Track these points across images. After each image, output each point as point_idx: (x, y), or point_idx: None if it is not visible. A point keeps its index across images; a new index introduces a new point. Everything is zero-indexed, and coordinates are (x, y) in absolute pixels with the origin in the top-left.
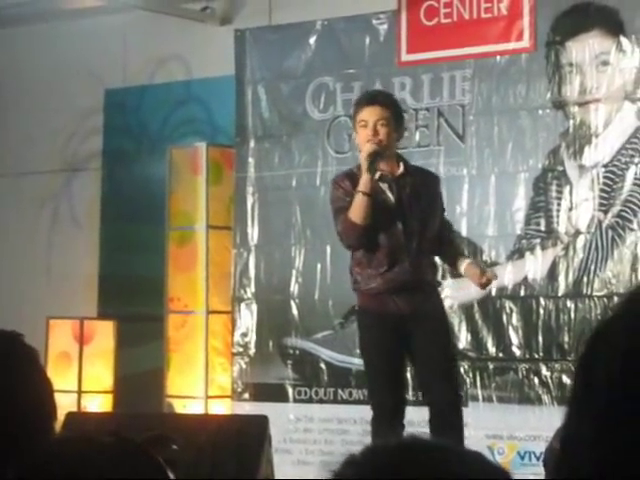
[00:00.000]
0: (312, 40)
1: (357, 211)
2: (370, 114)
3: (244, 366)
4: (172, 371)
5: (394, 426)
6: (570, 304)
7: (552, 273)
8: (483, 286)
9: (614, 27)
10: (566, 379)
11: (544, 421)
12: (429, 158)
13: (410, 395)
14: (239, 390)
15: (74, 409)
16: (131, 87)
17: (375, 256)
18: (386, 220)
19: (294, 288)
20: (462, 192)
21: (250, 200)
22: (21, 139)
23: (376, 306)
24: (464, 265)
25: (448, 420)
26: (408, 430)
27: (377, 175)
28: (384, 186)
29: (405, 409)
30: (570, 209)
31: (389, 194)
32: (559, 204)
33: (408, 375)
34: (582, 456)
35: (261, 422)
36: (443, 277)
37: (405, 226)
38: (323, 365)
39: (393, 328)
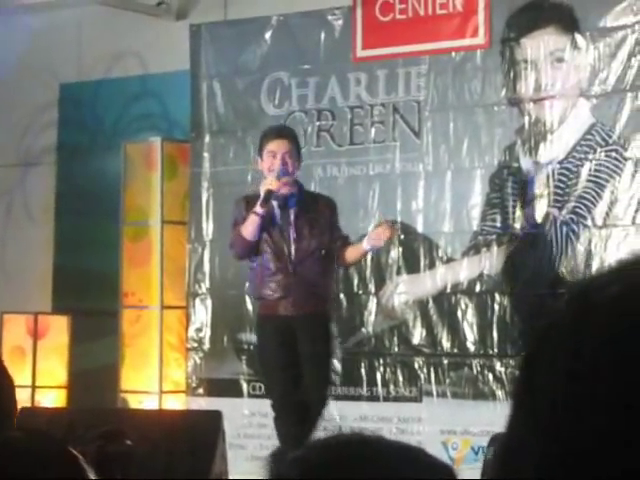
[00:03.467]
0: (267, 35)
1: (249, 228)
2: (279, 146)
3: (198, 361)
4: (126, 366)
5: (295, 423)
6: (524, 300)
7: (507, 269)
8: (389, 235)
9: (569, 24)
10: None
11: (498, 416)
12: (385, 154)
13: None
14: (193, 385)
15: (28, 404)
16: (86, 82)
17: (264, 265)
18: (274, 234)
19: None
20: (418, 188)
21: (205, 195)
22: None
23: (265, 310)
24: (366, 236)
25: (313, 416)
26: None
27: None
28: (275, 203)
29: (304, 406)
30: (525, 205)
31: (277, 211)
32: (514, 200)
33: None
34: (524, 465)
35: (215, 417)
36: (398, 273)
37: (288, 240)
38: None
39: (280, 330)
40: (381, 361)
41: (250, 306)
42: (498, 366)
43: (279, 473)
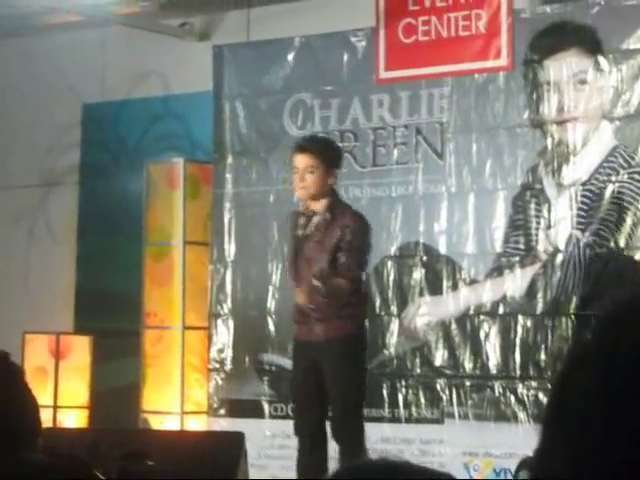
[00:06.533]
0: (290, 57)
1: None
2: (299, 162)
3: (220, 382)
4: (148, 387)
5: (315, 450)
6: (547, 322)
7: (530, 291)
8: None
9: (592, 46)
10: (542, 397)
11: (520, 439)
12: (407, 175)
13: (386, 412)
14: (215, 406)
15: (49, 424)
16: (109, 102)
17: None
18: (297, 254)
19: (271, 304)
20: (440, 210)
21: (227, 216)
22: None
23: (296, 335)
24: None
25: (348, 435)
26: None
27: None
28: (302, 220)
29: (325, 435)
30: (548, 227)
31: (299, 230)
32: (538, 222)
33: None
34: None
35: (237, 438)
36: (420, 294)
37: (307, 260)
38: None
39: (305, 355)
40: (403, 383)
41: (272, 327)
42: (520, 388)
43: None
